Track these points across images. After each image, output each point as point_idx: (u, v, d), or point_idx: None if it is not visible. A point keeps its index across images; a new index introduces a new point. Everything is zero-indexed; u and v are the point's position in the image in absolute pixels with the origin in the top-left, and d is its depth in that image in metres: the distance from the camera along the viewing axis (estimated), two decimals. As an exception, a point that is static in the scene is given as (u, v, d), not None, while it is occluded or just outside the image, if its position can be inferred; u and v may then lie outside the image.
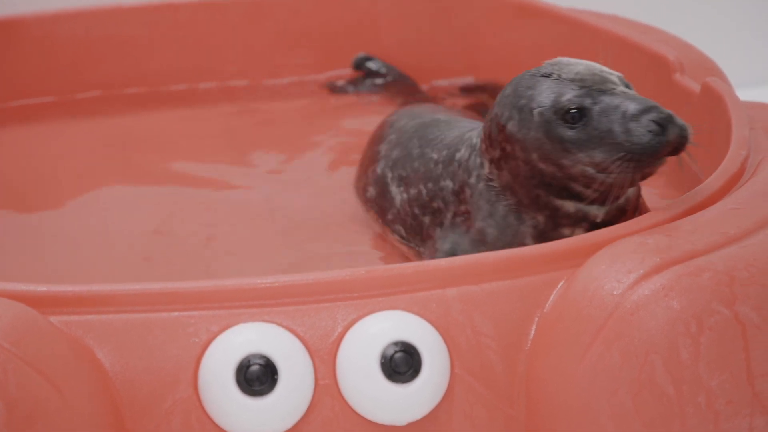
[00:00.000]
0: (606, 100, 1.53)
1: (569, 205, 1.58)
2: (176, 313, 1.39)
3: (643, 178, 1.55)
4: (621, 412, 1.34)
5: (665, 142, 1.50)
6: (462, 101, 2.37)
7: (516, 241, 1.59)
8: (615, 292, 1.37)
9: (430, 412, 1.39)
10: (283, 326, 1.39)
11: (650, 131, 1.50)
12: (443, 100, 2.37)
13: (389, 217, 1.75)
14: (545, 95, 1.56)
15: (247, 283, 1.40)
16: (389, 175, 1.76)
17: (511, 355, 1.40)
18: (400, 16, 2.45)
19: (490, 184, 1.62)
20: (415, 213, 1.70)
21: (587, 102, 1.54)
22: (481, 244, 1.62)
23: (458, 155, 1.67)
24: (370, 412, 1.38)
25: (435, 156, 1.71)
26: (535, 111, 1.56)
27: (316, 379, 1.39)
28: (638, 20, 2.28)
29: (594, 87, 1.55)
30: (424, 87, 2.43)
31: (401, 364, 1.38)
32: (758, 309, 1.35)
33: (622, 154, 1.51)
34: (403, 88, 2.40)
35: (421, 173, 1.72)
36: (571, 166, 1.55)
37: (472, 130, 1.70)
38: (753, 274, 1.36)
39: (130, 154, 2.23)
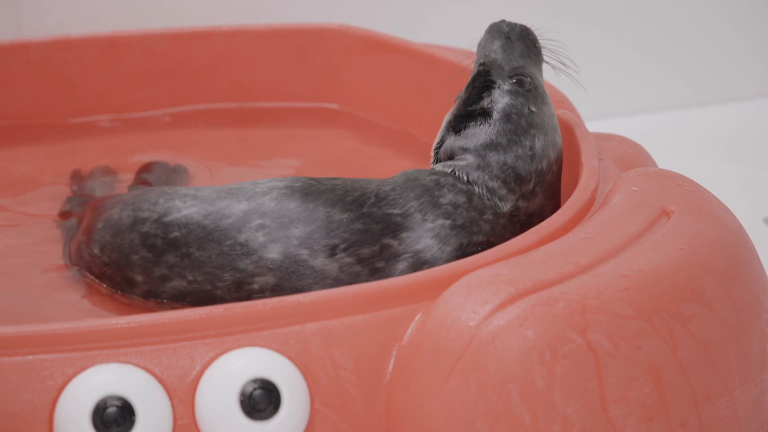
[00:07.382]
0: None
1: None
2: (30, 357, 1.37)
3: None
4: (479, 442, 1.36)
5: None
6: None
7: None
8: (471, 324, 1.38)
9: (290, 449, 1.39)
10: (140, 366, 1.38)
11: None
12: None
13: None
14: None
15: (102, 324, 1.38)
16: (304, 253, 1.64)
17: (371, 389, 1.40)
18: (256, 54, 2.45)
19: (515, 217, 1.68)
20: (356, 270, 1.64)
21: None
22: None
23: (444, 200, 1.65)
24: (229, 450, 1.38)
25: (398, 211, 1.65)
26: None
27: (175, 420, 1.37)
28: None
29: None
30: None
31: (260, 401, 1.37)
32: (609, 336, 1.37)
33: None
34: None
35: (378, 230, 1.64)
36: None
37: (428, 174, 1.69)
38: (603, 302, 1.39)
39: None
